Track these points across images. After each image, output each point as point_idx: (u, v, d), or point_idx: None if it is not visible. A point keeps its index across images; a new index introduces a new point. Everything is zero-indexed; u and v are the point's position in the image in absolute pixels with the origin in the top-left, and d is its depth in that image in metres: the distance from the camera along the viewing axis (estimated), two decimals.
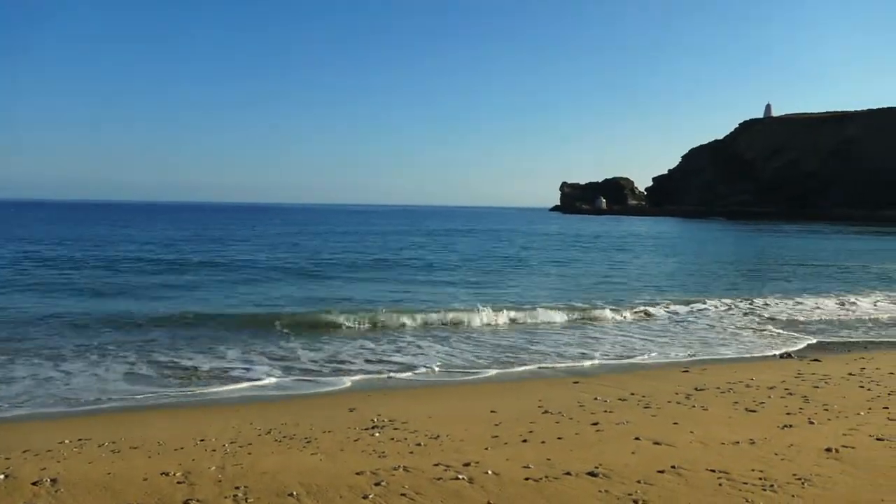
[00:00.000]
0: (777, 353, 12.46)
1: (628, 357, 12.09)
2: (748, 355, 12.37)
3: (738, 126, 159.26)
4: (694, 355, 12.29)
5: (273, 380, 10.10)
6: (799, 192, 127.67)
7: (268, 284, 22.15)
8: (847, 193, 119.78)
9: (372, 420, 7.51)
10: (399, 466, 5.68)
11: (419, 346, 12.60)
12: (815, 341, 13.83)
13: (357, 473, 5.53)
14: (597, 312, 16.57)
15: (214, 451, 6.36)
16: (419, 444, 6.44)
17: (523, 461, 5.78)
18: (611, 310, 16.79)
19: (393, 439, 6.67)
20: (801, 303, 19.10)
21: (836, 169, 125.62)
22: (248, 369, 10.64)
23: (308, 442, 6.64)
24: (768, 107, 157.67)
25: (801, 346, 13.34)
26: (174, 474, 5.56)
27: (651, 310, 17.09)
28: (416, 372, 10.66)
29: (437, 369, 10.83)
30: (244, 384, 9.82)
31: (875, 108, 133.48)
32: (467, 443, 6.48)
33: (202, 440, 6.73)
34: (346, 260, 31.75)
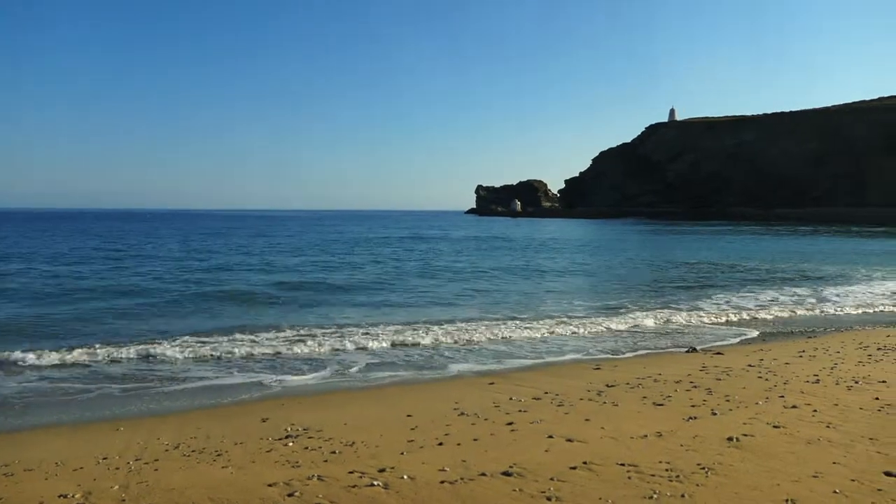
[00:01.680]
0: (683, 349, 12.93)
1: (541, 357, 12.31)
2: (656, 350, 12.80)
3: (644, 130, 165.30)
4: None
5: (183, 390, 9.75)
6: (701, 193, 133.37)
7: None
8: (744, 193, 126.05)
9: (286, 429, 7.35)
10: (313, 476, 5.58)
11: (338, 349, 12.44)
12: (756, 333, 14.46)
13: (269, 485, 5.40)
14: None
15: (118, 469, 6.08)
16: (334, 452, 6.35)
17: (439, 464, 5.78)
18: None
19: (307, 448, 6.55)
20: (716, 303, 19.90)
21: (734, 170, 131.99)
22: (154, 380, 10.22)
23: (218, 455, 6.44)
24: (672, 111, 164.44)
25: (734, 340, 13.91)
26: (73, 496, 5.29)
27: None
28: (327, 374, 10.52)
29: (356, 369, 10.75)
30: (151, 396, 9.42)
31: (769, 112, 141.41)
32: (383, 448, 6.43)
33: (104, 458, 6.42)
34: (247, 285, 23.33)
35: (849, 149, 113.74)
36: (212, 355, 11.95)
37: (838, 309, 18.39)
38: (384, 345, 13.00)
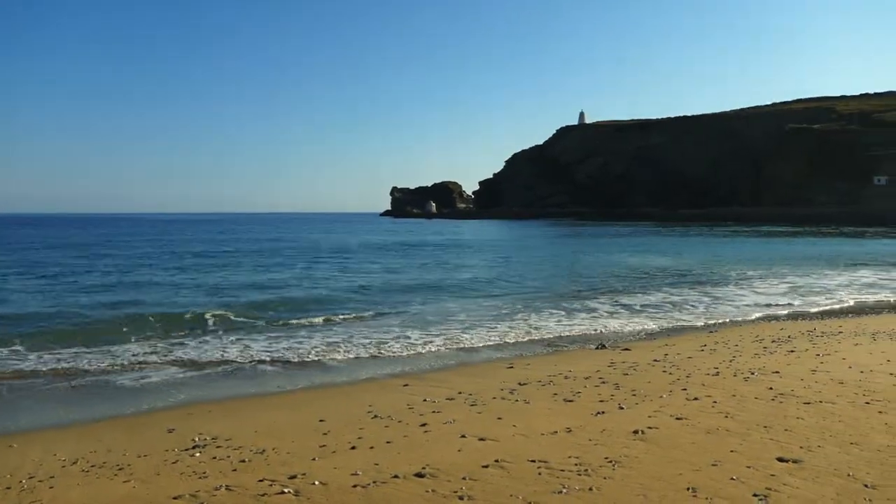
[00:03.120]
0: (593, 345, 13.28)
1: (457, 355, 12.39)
2: (566, 348, 13.09)
3: (555, 132, 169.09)
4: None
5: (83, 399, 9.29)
6: (610, 193, 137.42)
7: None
8: (650, 194, 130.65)
9: (193, 439, 7.11)
10: (221, 486, 5.42)
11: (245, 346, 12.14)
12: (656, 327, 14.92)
13: (174, 498, 5.21)
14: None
15: (9, 488, 5.74)
16: (244, 461, 6.18)
17: (351, 468, 5.72)
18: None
19: (215, 458, 6.35)
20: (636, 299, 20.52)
21: (641, 171, 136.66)
22: (51, 392, 9.71)
23: (120, 469, 6.17)
24: (582, 114, 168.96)
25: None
26: None
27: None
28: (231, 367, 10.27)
29: (268, 367, 10.53)
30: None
31: (673, 116, 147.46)
32: (294, 454, 6.31)
33: None
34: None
35: (746, 151, 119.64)
36: (130, 363, 11.45)
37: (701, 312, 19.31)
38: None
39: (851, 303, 19.38)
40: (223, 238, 67.86)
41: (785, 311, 17.72)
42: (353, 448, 6.43)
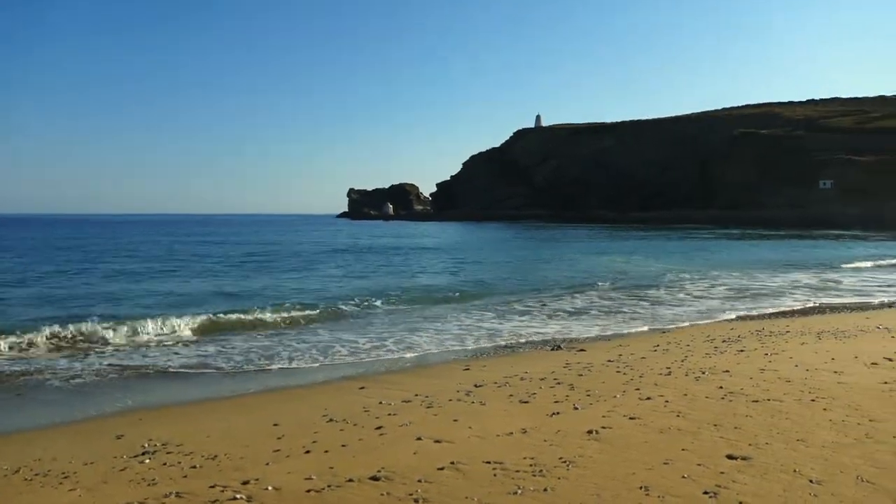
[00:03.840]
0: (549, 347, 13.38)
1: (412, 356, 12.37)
2: (523, 349, 13.16)
3: (512, 135, 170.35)
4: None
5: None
6: (565, 196, 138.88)
7: None
8: (603, 197, 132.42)
9: (142, 446, 6.94)
10: (171, 493, 5.30)
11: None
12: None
13: None
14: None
15: None
16: (195, 467, 6.06)
17: (306, 473, 5.65)
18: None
19: (165, 464, 6.21)
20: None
21: (595, 174, 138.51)
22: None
23: (65, 477, 5.99)
24: (538, 118, 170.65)
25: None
26: None
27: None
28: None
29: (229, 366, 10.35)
30: None
31: (627, 120, 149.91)
32: (247, 460, 6.21)
33: None
34: None
35: (697, 155, 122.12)
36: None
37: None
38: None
39: (796, 304, 19.90)
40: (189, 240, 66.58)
41: (733, 314, 18.08)
42: (307, 452, 6.36)
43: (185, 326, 14.84)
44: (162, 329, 14.60)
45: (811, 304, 19.62)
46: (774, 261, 36.27)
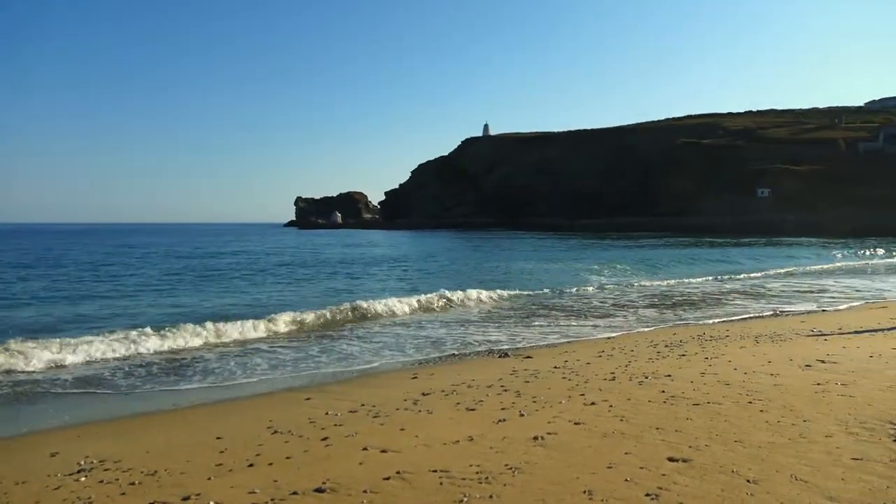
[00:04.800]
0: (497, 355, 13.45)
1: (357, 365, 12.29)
2: (470, 355, 13.20)
3: (461, 143, 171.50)
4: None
5: None
6: (513, 204, 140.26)
7: None
8: (551, 205, 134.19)
9: (78, 463, 6.71)
10: None
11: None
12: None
13: None
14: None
15: None
16: (133, 483, 5.89)
17: (248, 486, 5.55)
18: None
19: (102, 482, 6.02)
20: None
21: (542, 183, 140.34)
22: None
23: None
24: (486, 126, 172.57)
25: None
26: None
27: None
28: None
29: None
30: None
31: (572, 129, 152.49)
32: (189, 475, 6.07)
33: None
34: None
35: (641, 164, 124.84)
36: None
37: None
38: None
39: (737, 310, 20.47)
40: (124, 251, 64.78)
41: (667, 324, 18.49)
42: (250, 465, 6.24)
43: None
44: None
45: (750, 310, 20.21)
46: (713, 266, 37.27)
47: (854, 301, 22.03)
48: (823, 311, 19.45)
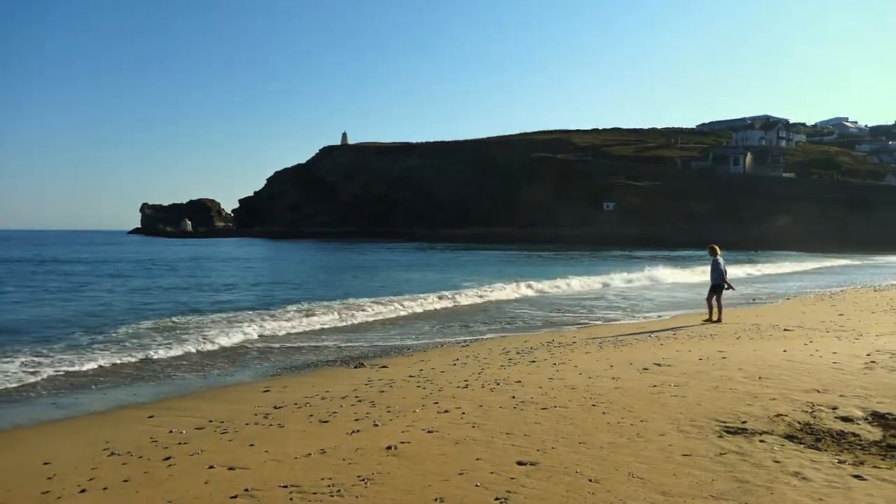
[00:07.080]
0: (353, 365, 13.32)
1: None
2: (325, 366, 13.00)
3: (319, 151, 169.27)
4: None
5: None
6: (373, 213, 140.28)
7: None
8: (412, 214, 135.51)
9: None
10: None
11: None
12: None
13: None
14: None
15: None
16: None
17: None
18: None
19: None
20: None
21: (403, 192, 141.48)
22: None
23: None
24: (344, 135, 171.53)
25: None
26: None
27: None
28: None
29: None
30: None
31: (432, 140, 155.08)
32: None
33: None
34: None
35: (500, 176, 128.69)
36: None
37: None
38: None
39: (580, 318, 21.51)
40: None
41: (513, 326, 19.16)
42: (82, 491, 5.79)
43: None
44: None
45: (593, 315, 21.32)
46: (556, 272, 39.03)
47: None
48: (660, 316, 20.85)
